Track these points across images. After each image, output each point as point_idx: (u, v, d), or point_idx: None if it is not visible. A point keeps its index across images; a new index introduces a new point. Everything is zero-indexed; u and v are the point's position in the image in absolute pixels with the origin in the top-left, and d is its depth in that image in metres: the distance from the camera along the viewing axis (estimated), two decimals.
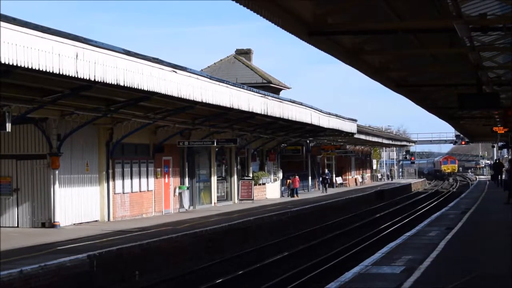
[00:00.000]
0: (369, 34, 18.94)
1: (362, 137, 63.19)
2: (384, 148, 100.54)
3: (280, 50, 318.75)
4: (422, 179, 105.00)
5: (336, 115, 48.06)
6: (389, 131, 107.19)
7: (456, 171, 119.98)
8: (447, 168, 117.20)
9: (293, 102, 38.28)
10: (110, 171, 29.83)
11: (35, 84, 21.42)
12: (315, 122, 42.18)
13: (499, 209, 32.25)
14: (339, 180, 70.59)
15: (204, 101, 26.99)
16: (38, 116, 25.30)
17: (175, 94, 24.65)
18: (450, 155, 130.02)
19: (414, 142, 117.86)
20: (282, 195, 52.04)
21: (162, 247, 22.63)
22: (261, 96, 33.30)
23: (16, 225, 26.91)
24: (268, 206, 40.02)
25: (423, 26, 17.39)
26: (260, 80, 54.70)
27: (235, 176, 43.40)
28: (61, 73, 18.73)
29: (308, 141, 57.01)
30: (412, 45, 20.88)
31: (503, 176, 51.85)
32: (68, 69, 18.95)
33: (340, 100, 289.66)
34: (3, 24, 16.54)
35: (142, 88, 22.65)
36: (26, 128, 26.74)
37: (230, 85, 29.97)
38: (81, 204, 28.39)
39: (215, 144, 36.72)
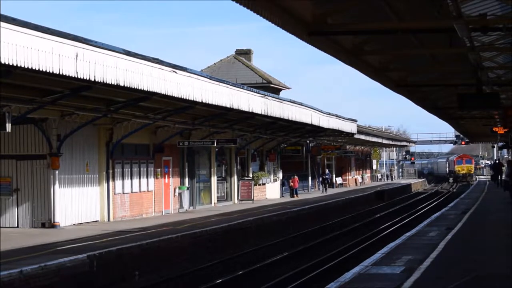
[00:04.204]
0: (369, 34, 18.95)
1: (362, 137, 63.22)
2: (384, 148, 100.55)
3: (280, 50, 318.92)
4: (422, 179, 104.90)
5: (336, 116, 48.08)
6: (389, 131, 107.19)
7: (472, 172, 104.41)
8: (461, 168, 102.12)
9: (293, 102, 38.29)
10: (110, 171, 29.82)
11: (35, 84, 21.42)
12: (315, 122, 42.19)
13: (499, 209, 32.26)
14: (339, 180, 70.59)
15: (204, 101, 26.99)
16: (38, 116, 25.30)
17: (175, 94, 24.66)
18: (465, 154, 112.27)
19: (414, 142, 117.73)
20: (282, 195, 52.03)
21: (162, 247, 22.63)
22: (261, 96, 33.31)
23: (16, 225, 26.90)
24: (268, 206, 40.03)
25: (423, 26, 17.39)
26: (260, 80, 54.72)
27: (235, 176, 43.40)
28: (61, 73, 18.74)
29: (308, 141, 57.01)
30: (412, 45, 20.88)
31: (503, 176, 51.85)
32: (68, 69, 18.96)
33: (340, 100, 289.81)
34: (3, 24, 16.55)
35: (142, 88, 22.66)
36: (26, 128, 26.74)
37: (230, 85, 29.98)
38: (81, 205, 28.38)
39: (215, 144, 36.72)
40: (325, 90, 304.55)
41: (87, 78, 19.85)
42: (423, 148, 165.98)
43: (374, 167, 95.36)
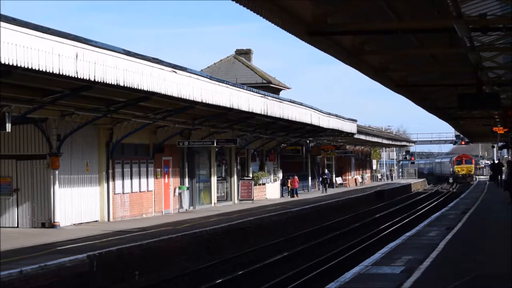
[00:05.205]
0: (369, 34, 18.96)
1: (362, 137, 63.20)
2: (384, 148, 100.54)
3: (280, 50, 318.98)
4: (422, 180, 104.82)
5: (336, 115, 48.06)
6: (389, 131, 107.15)
7: (472, 172, 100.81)
8: (461, 169, 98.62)
9: (293, 102, 38.28)
10: (110, 171, 29.82)
11: (35, 84, 21.41)
12: (315, 122, 42.18)
13: (499, 209, 32.25)
14: (339, 180, 70.58)
15: (204, 101, 26.99)
16: (38, 116, 25.30)
17: (175, 94, 24.65)
18: (465, 154, 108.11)
19: (414, 142, 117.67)
20: (282, 195, 52.03)
21: (162, 247, 22.62)
22: (261, 96, 33.30)
23: (16, 225, 26.90)
24: (268, 206, 40.02)
25: (423, 26, 17.39)
26: (260, 80, 54.71)
27: (235, 176, 43.40)
28: (61, 73, 18.74)
29: (308, 141, 57.00)
30: (412, 45, 20.90)
31: (503, 176, 51.85)
32: (68, 69, 18.95)
33: (340, 100, 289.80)
34: (3, 24, 16.55)
35: (142, 88, 22.65)
36: (26, 128, 26.74)
37: (230, 85, 29.98)
38: (81, 205, 28.38)
39: (215, 144, 36.72)
40: (325, 90, 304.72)
41: (87, 78, 19.84)
42: (423, 148, 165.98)
43: (374, 167, 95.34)
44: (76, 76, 19.41)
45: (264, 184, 48.77)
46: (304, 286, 19.15)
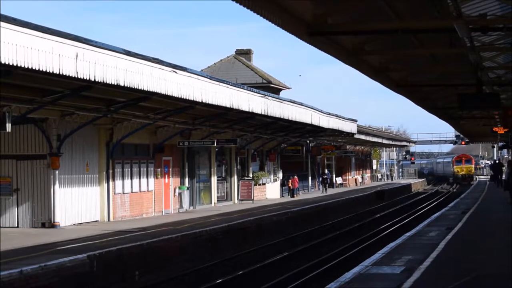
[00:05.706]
0: (369, 34, 18.97)
1: (362, 137, 63.21)
2: (384, 148, 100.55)
3: (280, 51, 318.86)
4: (422, 179, 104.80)
5: (336, 116, 48.08)
6: (389, 131, 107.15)
7: (472, 173, 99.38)
8: (460, 169, 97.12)
9: (293, 102, 38.29)
10: (110, 171, 29.82)
11: (35, 84, 21.42)
12: (315, 122, 42.20)
13: (499, 209, 32.26)
14: (339, 180, 70.58)
15: (204, 101, 27.00)
16: (38, 116, 25.30)
17: (175, 94, 24.66)
18: (465, 154, 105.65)
19: (414, 142, 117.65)
20: (282, 195, 52.04)
21: (162, 247, 22.63)
22: (261, 96, 33.31)
23: (16, 225, 26.90)
24: (268, 206, 40.02)
25: (423, 26, 17.41)
26: (260, 80, 54.73)
27: (235, 176, 43.40)
28: (61, 73, 18.75)
29: (308, 141, 57.01)
30: (412, 45, 20.91)
31: (503, 176, 51.86)
32: (68, 69, 18.96)
33: (340, 100, 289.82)
34: (3, 24, 16.56)
35: (142, 88, 22.66)
36: (26, 128, 26.74)
37: (230, 85, 29.99)
38: (81, 204, 28.38)
39: (215, 144, 36.72)
40: (325, 90, 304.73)
41: (87, 78, 19.85)
42: (423, 148, 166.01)
43: (374, 167, 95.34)
44: (76, 76, 19.42)
45: (264, 184, 48.78)
46: (304, 286, 19.15)
